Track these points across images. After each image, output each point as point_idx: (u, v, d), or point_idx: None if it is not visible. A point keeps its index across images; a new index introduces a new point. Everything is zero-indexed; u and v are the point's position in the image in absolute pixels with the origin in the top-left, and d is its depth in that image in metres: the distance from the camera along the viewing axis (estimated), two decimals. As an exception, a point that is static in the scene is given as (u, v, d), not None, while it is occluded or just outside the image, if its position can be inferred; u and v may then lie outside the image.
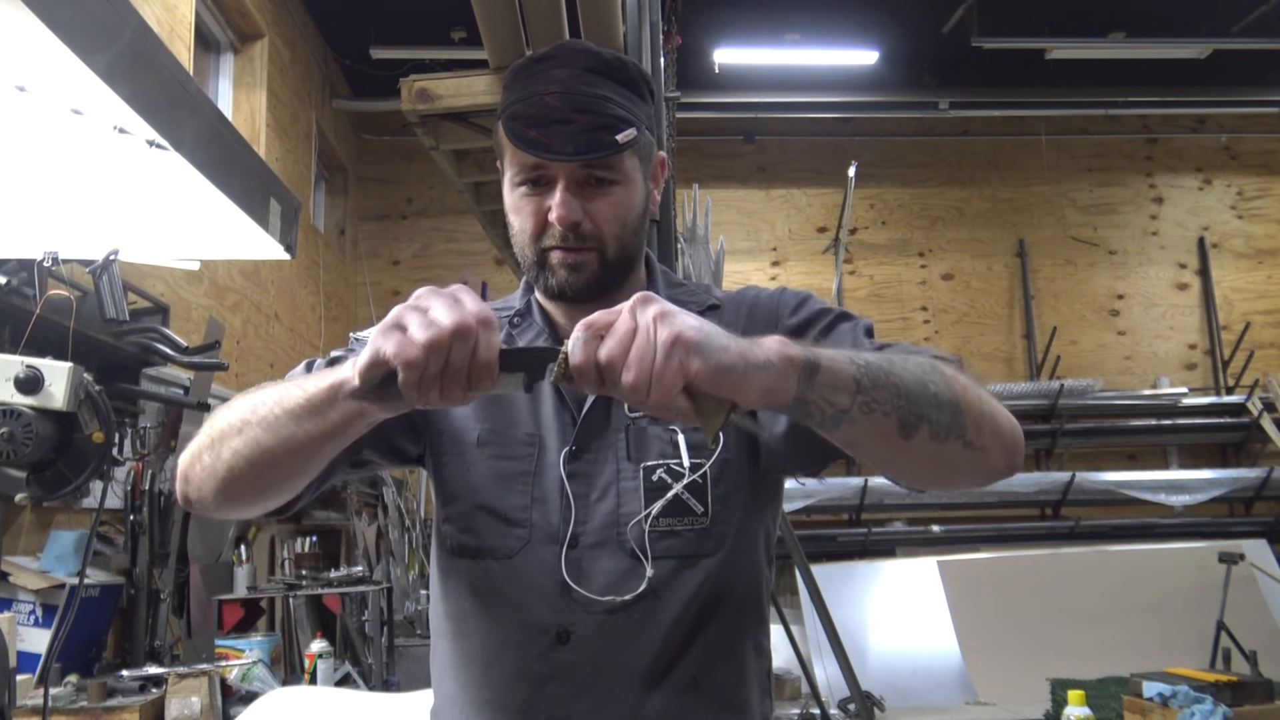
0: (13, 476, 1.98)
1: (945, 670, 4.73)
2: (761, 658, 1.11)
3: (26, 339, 2.10)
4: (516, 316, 1.15)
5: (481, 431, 1.08)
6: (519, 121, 1.01)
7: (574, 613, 1.01)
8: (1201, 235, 7.55)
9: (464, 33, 5.71)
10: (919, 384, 0.86)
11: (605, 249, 1.04)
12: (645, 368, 0.74)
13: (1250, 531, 6.05)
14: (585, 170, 1.02)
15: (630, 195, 1.06)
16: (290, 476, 0.95)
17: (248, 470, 0.92)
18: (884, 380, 0.84)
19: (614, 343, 0.75)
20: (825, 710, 3.53)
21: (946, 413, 0.86)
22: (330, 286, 6.18)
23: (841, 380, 0.81)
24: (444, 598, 1.11)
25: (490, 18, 2.55)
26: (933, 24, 6.22)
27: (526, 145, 1.00)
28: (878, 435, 0.85)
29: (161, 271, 3.39)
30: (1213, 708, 3.09)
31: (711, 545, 1.03)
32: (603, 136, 1.00)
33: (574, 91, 1.00)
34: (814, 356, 0.80)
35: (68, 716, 2.31)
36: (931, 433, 0.86)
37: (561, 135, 0.99)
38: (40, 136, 1.51)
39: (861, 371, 0.83)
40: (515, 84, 1.05)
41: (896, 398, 0.84)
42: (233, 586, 3.60)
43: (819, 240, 7.35)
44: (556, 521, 1.04)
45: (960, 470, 0.92)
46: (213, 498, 0.95)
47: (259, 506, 0.99)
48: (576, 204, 1.02)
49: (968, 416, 0.88)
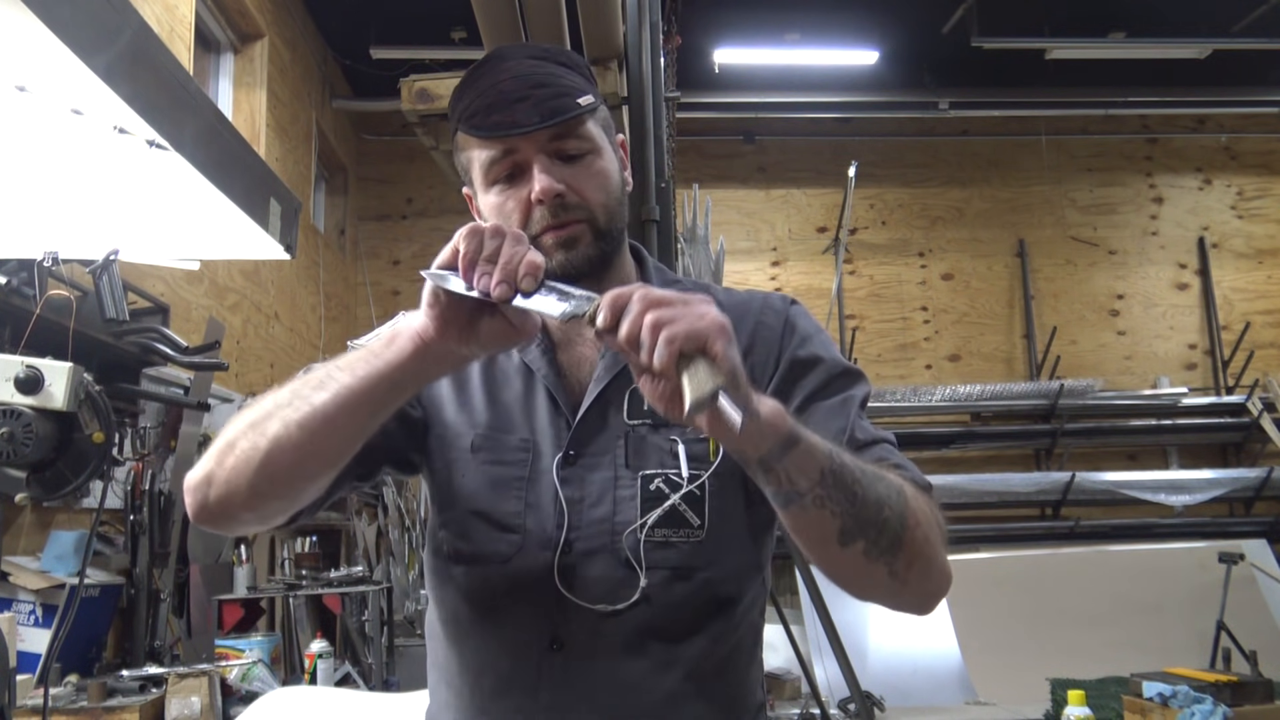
0: (13, 476, 1.98)
1: (945, 670, 4.73)
2: (754, 667, 1.10)
3: (26, 339, 2.11)
4: None
5: (476, 437, 1.07)
6: (479, 114, 1.00)
7: (567, 620, 1.00)
8: (1201, 235, 7.55)
9: (464, 33, 5.71)
10: (876, 504, 0.87)
11: (595, 218, 1.03)
12: (679, 325, 0.76)
13: (1250, 531, 6.05)
14: (556, 144, 1.01)
15: (606, 162, 1.05)
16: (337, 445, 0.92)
17: (301, 437, 0.89)
18: (847, 485, 0.85)
19: (659, 295, 0.79)
20: (825, 710, 3.53)
21: (886, 540, 0.88)
22: (330, 286, 6.18)
23: (810, 466, 0.83)
24: (439, 603, 1.10)
25: (490, 18, 2.55)
26: (933, 24, 6.21)
27: (491, 131, 1.00)
28: (817, 531, 0.87)
29: (161, 271, 3.39)
30: (1213, 708, 3.09)
31: (706, 560, 1.01)
32: (564, 102, 1.00)
33: (525, 74, 1.01)
34: (797, 433, 0.83)
35: (68, 716, 2.31)
36: (865, 550, 0.88)
37: (524, 110, 0.99)
38: (40, 136, 1.51)
39: (832, 467, 0.85)
40: (464, 90, 1.04)
41: (850, 506, 0.86)
42: (233, 586, 3.60)
43: (819, 240, 7.35)
44: (550, 528, 1.02)
45: (876, 591, 0.94)
46: (247, 488, 0.91)
47: (295, 492, 0.95)
48: (556, 175, 1.01)
49: (905, 551, 0.90)
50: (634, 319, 0.77)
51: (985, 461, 6.86)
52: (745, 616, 1.07)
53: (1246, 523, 6.44)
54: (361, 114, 6.82)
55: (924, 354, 7.30)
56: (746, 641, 1.08)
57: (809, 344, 1.08)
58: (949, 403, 6.72)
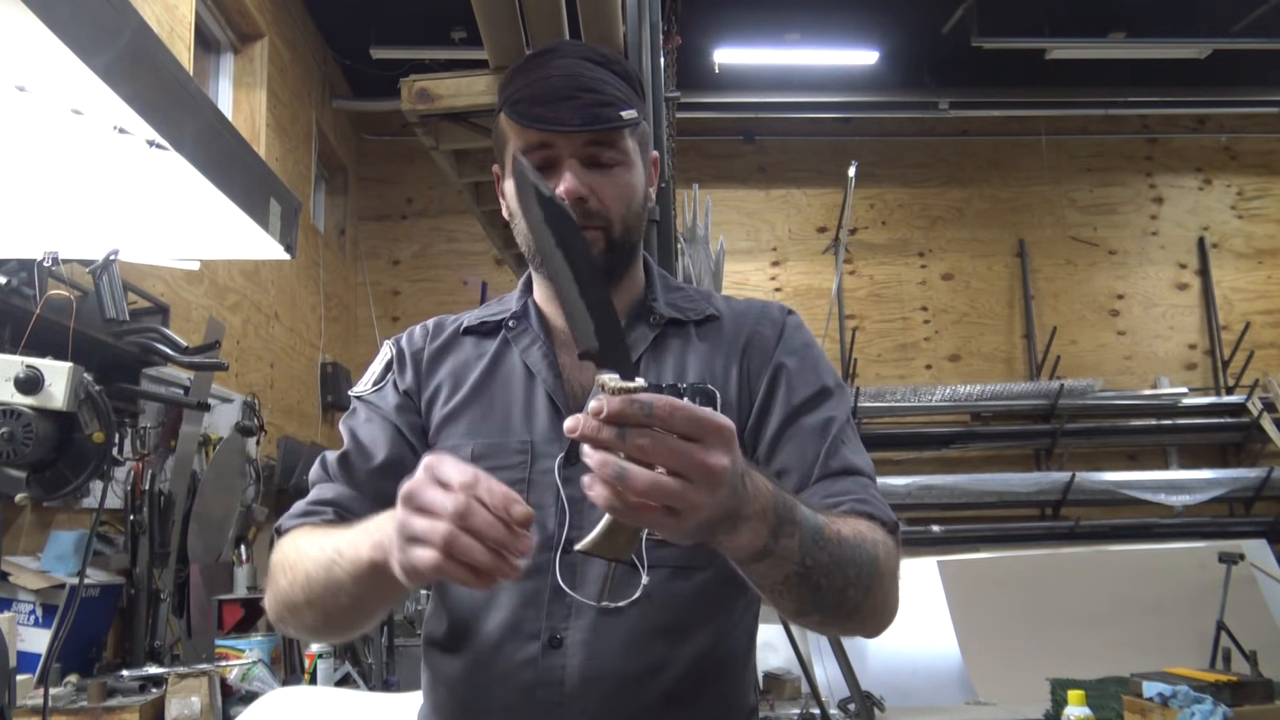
0: (13, 476, 1.98)
1: (945, 670, 4.72)
2: (750, 663, 1.11)
3: (26, 339, 2.10)
4: (512, 319, 1.14)
5: (476, 445, 1.08)
6: (523, 104, 1.02)
7: (566, 618, 1.01)
8: (1201, 235, 7.55)
9: (464, 33, 5.71)
10: (840, 590, 0.88)
11: (611, 228, 1.05)
12: (666, 456, 0.68)
13: (1250, 531, 6.04)
14: (590, 150, 1.03)
15: (634, 177, 1.07)
16: (378, 601, 0.98)
17: (350, 607, 0.96)
18: (813, 582, 0.85)
19: (661, 406, 0.67)
20: (825, 710, 3.53)
21: (844, 612, 0.90)
22: (330, 286, 6.17)
23: (778, 571, 0.84)
24: (438, 607, 1.11)
25: (490, 18, 2.55)
26: (933, 24, 6.21)
27: (532, 121, 1.01)
28: (783, 594, 0.87)
29: (161, 271, 3.39)
30: (1213, 708, 3.09)
31: (706, 559, 1.02)
32: (607, 111, 1.02)
33: (577, 74, 1.03)
34: (770, 548, 0.80)
35: (68, 716, 2.31)
36: (819, 619, 0.91)
37: (568, 109, 1.01)
38: (40, 136, 1.51)
39: (800, 570, 0.84)
40: (517, 77, 1.06)
41: (813, 595, 0.86)
42: (233, 586, 3.60)
43: (819, 240, 7.35)
44: (552, 526, 1.03)
45: (821, 627, 0.96)
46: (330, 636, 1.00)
47: (372, 618, 1.03)
48: (584, 178, 1.03)
49: (858, 616, 0.92)
50: (639, 431, 0.68)
51: (985, 461, 6.85)
52: (743, 617, 1.09)
53: (1246, 523, 6.44)
54: (361, 114, 6.82)
55: (924, 354, 7.30)
56: (742, 644, 1.09)
57: (799, 355, 1.10)
58: (949, 403, 6.72)
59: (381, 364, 1.17)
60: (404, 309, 6.93)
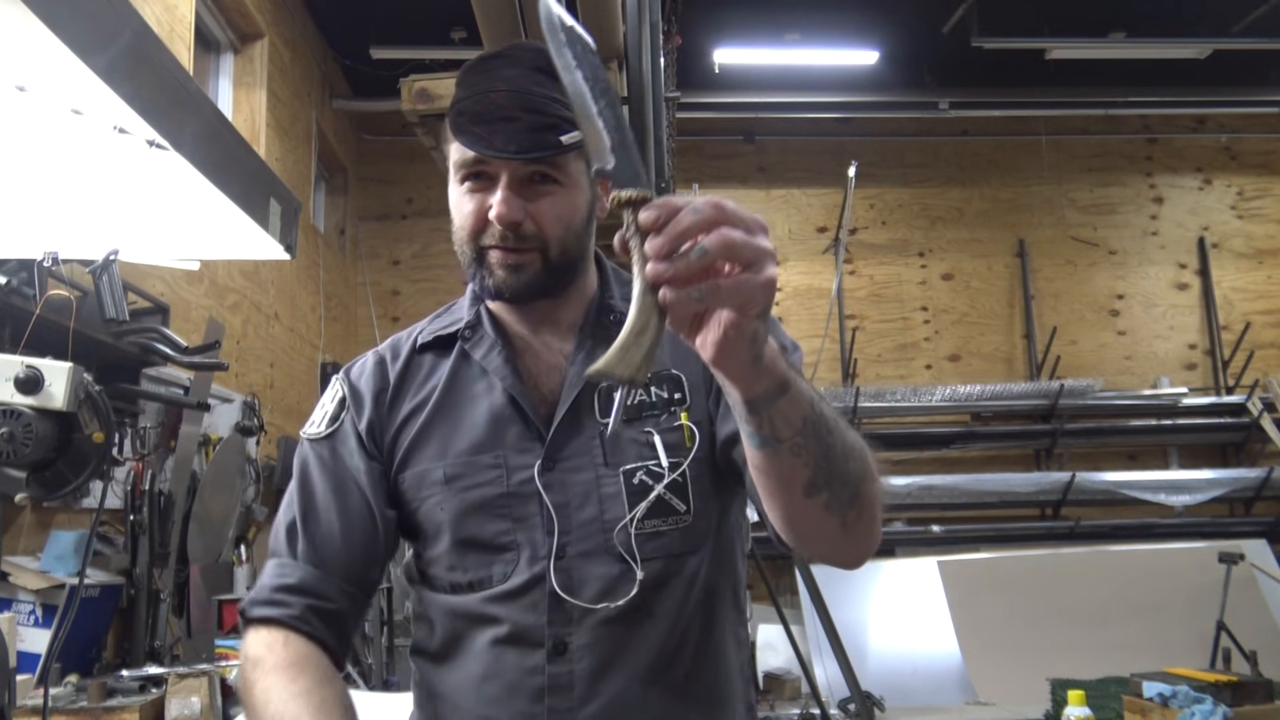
0: (13, 476, 1.98)
1: (945, 670, 4.73)
2: (741, 648, 1.12)
3: (26, 339, 2.10)
4: (468, 329, 1.13)
5: (447, 467, 1.07)
6: (464, 117, 1.00)
7: (569, 624, 1.01)
8: (1201, 235, 7.55)
9: (464, 33, 5.71)
10: (844, 456, 0.86)
11: (548, 250, 1.03)
12: (730, 285, 0.68)
13: (1250, 531, 6.05)
14: (529, 169, 1.01)
15: (573, 198, 1.04)
16: None
17: None
18: (823, 437, 0.83)
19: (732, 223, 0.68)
20: (825, 710, 3.53)
21: (847, 493, 0.88)
22: (330, 286, 6.17)
23: (795, 414, 0.81)
24: (434, 627, 1.09)
25: (490, 18, 2.56)
26: (933, 24, 6.21)
27: (470, 141, 1.00)
28: (786, 478, 0.85)
29: (161, 271, 3.39)
30: (1213, 708, 3.09)
31: (696, 542, 1.04)
32: (547, 136, 0.99)
33: (521, 90, 1.00)
34: (788, 380, 0.79)
35: (68, 716, 2.31)
36: (826, 503, 0.87)
37: (505, 133, 0.98)
38: (40, 136, 1.51)
39: (813, 417, 0.82)
40: (465, 81, 1.05)
41: (823, 458, 0.84)
42: (233, 586, 3.59)
43: (819, 240, 7.35)
44: (541, 536, 1.03)
45: (824, 544, 0.94)
46: None
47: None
48: (518, 203, 1.01)
49: (858, 504, 0.89)
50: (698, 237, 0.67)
51: (985, 461, 6.85)
52: (732, 598, 1.10)
53: (1246, 523, 6.44)
54: (361, 114, 6.81)
55: (924, 354, 7.30)
56: (730, 641, 1.09)
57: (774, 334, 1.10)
58: (949, 403, 6.71)
59: (335, 402, 1.14)
60: (404, 309, 6.93)
